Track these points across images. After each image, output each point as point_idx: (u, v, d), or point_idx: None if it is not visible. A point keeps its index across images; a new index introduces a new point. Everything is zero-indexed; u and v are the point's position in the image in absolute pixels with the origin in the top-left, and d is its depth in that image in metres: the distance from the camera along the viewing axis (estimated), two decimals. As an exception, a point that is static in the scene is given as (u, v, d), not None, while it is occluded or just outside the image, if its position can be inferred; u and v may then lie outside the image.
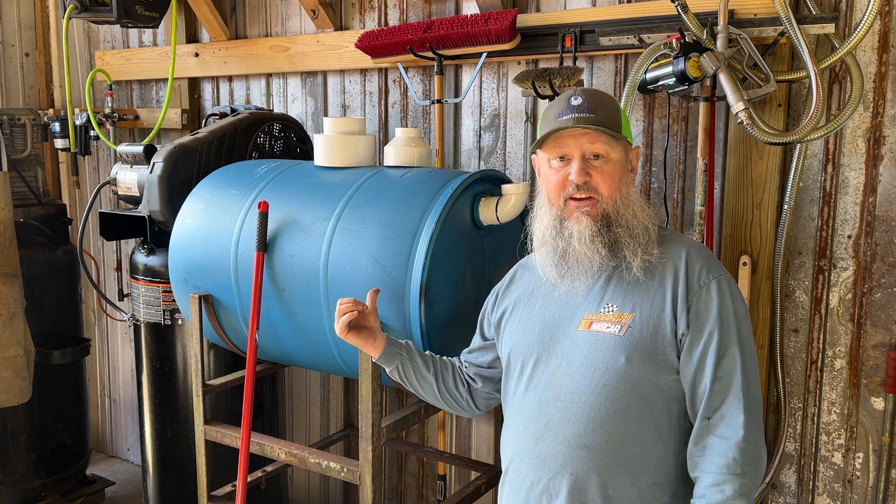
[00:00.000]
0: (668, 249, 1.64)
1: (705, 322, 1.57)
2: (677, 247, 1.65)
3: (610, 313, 1.62)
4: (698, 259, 1.62)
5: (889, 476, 2.27)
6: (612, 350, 1.58)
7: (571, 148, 1.62)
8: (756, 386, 1.57)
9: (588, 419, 1.57)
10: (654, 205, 2.53)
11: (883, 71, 2.17)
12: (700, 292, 1.58)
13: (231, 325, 2.47)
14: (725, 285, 1.60)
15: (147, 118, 3.77)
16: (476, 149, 2.89)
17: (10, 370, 3.29)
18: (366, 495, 2.17)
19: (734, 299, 1.59)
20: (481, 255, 2.25)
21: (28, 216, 3.55)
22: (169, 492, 3.03)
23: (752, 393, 1.55)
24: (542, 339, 1.68)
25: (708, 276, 1.59)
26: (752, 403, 1.54)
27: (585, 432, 1.57)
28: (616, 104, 1.68)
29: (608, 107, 1.64)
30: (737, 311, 1.59)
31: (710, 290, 1.58)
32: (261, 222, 2.26)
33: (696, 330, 1.57)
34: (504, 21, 2.49)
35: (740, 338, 1.57)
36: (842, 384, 2.33)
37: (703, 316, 1.57)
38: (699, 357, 1.56)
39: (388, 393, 3.22)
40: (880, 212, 2.22)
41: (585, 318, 1.64)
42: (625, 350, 1.57)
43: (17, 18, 4.12)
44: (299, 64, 3.22)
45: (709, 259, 1.63)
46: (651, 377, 1.57)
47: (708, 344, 1.56)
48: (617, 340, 1.58)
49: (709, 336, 1.56)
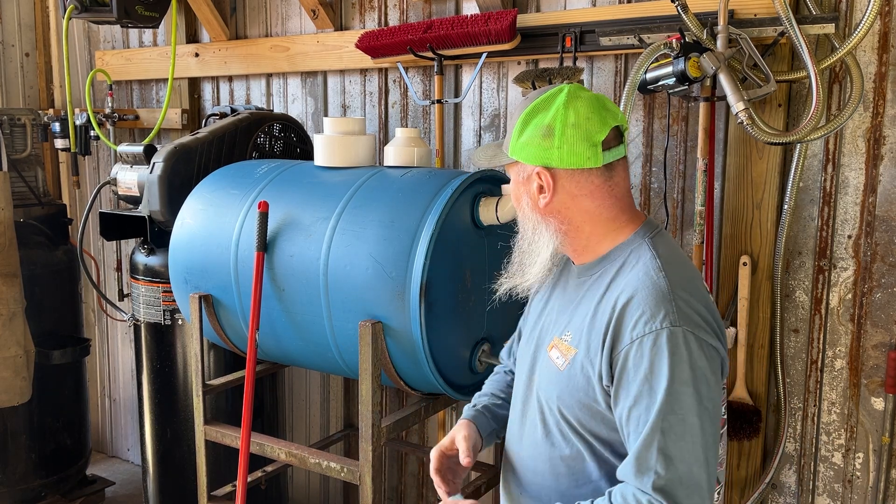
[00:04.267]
0: (622, 280, 1.41)
1: (632, 382, 1.32)
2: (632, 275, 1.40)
3: (564, 342, 1.47)
4: (641, 305, 1.34)
5: (889, 476, 2.27)
6: (553, 384, 1.47)
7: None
8: (688, 460, 1.29)
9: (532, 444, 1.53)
10: (654, 205, 2.54)
11: (883, 71, 2.17)
12: (631, 347, 1.33)
13: (231, 325, 2.47)
14: (665, 341, 1.30)
15: (147, 118, 3.77)
16: (476, 149, 2.88)
17: (10, 370, 3.29)
18: (366, 495, 2.17)
19: (673, 357, 1.30)
20: (481, 255, 2.25)
21: (28, 216, 3.55)
22: (169, 492, 3.03)
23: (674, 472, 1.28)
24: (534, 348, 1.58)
25: (644, 328, 1.32)
26: (671, 483, 1.27)
27: (530, 456, 1.54)
28: (523, 118, 1.46)
29: (513, 122, 1.48)
30: (673, 374, 1.29)
31: (642, 346, 1.32)
32: (261, 222, 2.26)
33: (621, 388, 1.34)
34: (504, 21, 2.49)
35: (671, 406, 1.29)
36: (842, 384, 2.33)
37: (629, 375, 1.33)
38: (621, 420, 1.35)
39: (388, 393, 3.22)
40: (880, 212, 2.22)
41: (553, 340, 1.51)
42: (556, 387, 1.46)
43: (17, 18, 4.12)
44: (299, 64, 3.22)
45: (658, 304, 1.33)
46: (585, 420, 1.43)
47: (632, 408, 1.32)
48: (557, 375, 1.46)
49: (634, 400, 1.32)
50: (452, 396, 2.23)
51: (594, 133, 1.41)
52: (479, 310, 2.25)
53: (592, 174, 1.43)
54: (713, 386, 1.34)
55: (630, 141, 2.55)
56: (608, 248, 1.47)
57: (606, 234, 1.47)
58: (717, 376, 1.37)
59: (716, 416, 1.34)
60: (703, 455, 1.30)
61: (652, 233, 1.47)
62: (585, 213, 1.46)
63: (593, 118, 1.41)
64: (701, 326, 1.34)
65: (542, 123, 1.43)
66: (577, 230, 1.47)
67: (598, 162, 1.41)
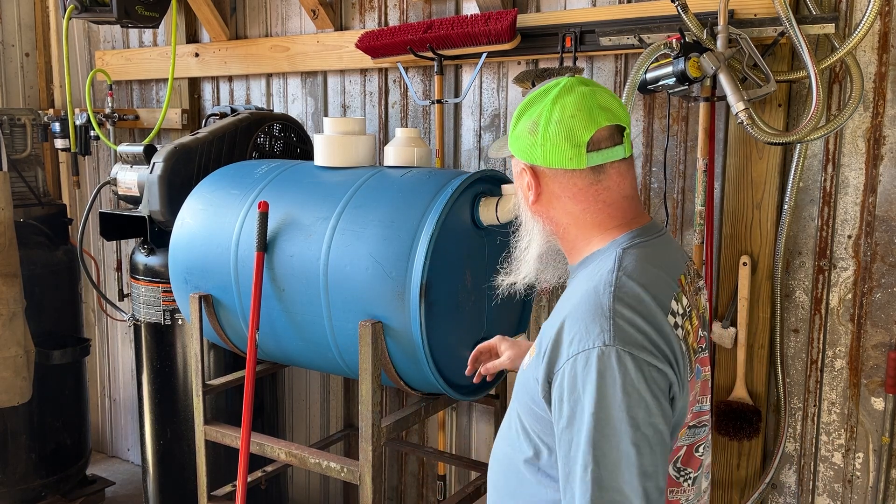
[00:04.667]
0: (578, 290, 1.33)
1: (562, 405, 1.23)
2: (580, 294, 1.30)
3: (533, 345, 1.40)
4: (577, 321, 1.25)
5: (889, 476, 2.27)
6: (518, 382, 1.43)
7: None
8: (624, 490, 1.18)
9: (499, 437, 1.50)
10: (654, 205, 2.54)
11: (883, 71, 2.17)
12: (566, 366, 1.23)
13: (231, 325, 2.47)
14: (595, 360, 1.19)
15: (147, 118, 3.77)
16: (476, 149, 2.89)
17: (10, 370, 3.29)
18: (366, 495, 2.17)
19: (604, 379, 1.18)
20: (481, 255, 2.25)
21: (28, 216, 3.55)
22: (169, 492, 3.03)
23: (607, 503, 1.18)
24: None
25: (578, 346, 1.22)
26: None
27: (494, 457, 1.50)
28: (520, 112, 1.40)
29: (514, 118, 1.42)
30: (604, 398, 1.18)
31: (575, 366, 1.22)
32: (261, 222, 2.26)
33: (557, 409, 1.25)
34: (504, 21, 2.49)
35: (601, 432, 1.18)
36: (842, 384, 2.33)
37: (563, 397, 1.23)
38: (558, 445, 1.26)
39: (388, 393, 3.22)
40: (880, 212, 2.22)
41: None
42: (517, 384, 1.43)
43: (17, 18, 4.12)
44: (299, 64, 3.22)
45: (592, 320, 1.23)
46: (531, 423, 1.37)
47: (567, 435, 1.23)
48: (521, 373, 1.42)
49: (565, 426, 1.23)
50: (452, 396, 2.23)
51: (578, 132, 1.31)
52: (479, 310, 2.25)
53: (576, 175, 1.34)
54: (654, 410, 1.19)
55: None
56: (587, 254, 1.39)
57: (591, 239, 1.39)
58: (660, 400, 1.21)
59: (657, 443, 1.20)
60: (640, 485, 1.17)
61: (630, 243, 1.35)
62: (570, 215, 1.38)
63: (579, 116, 1.31)
64: (641, 346, 1.20)
65: (531, 118, 1.36)
66: (565, 231, 1.40)
67: (582, 163, 1.32)
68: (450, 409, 3.06)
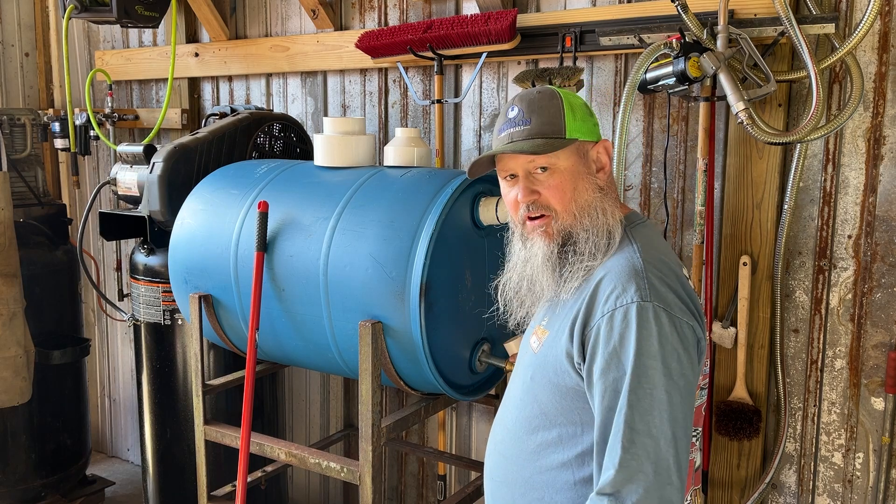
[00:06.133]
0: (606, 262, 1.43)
1: (599, 357, 1.32)
2: (611, 261, 1.42)
3: (541, 327, 1.49)
4: (613, 280, 1.36)
5: (889, 476, 2.27)
6: (529, 366, 1.50)
7: (514, 166, 1.48)
8: (654, 434, 1.27)
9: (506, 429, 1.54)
10: (654, 205, 2.54)
11: (883, 71, 2.17)
12: (602, 321, 1.33)
13: (231, 325, 2.47)
14: (634, 314, 1.30)
15: (147, 118, 3.77)
16: (476, 149, 2.88)
17: (10, 370, 3.29)
18: (366, 495, 2.17)
19: (641, 331, 1.29)
20: (481, 255, 2.25)
21: (28, 216, 3.55)
22: (169, 492, 3.03)
23: (640, 449, 1.26)
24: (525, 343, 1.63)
25: (615, 303, 1.33)
26: (636, 460, 1.25)
27: (503, 440, 1.55)
28: (557, 104, 1.47)
29: (547, 110, 1.46)
30: (641, 347, 1.28)
31: (612, 320, 1.32)
32: (261, 222, 2.26)
33: (593, 363, 1.34)
34: (504, 21, 2.49)
35: (638, 380, 1.28)
36: (842, 384, 2.33)
37: (599, 350, 1.33)
38: (593, 397, 1.35)
39: (388, 393, 3.22)
40: (880, 212, 2.22)
41: (534, 329, 1.54)
42: (531, 368, 1.48)
43: (17, 18, 4.12)
44: (299, 64, 3.22)
45: (629, 279, 1.35)
46: (555, 401, 1.43)
47: (602, 384, 1.32)
48: (533, 357, 1.49)
49: (602, 373, 1.32)
50: (452, 396, 2.23)
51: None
52: (478, 310, 2.25)
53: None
54: (685, 362, 1.31)
55: (630, 141, 2.55)
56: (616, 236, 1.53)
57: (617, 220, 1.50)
58: (691, 354, 1.34)
59: (687, 393, 1.31)
60: (671, 431, 1.27)
61: (638, 220, 1.53)
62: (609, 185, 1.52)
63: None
64: (674, 303, 1.33)
65: (569, 106, 1.47)
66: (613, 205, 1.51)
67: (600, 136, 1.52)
68: (450, 409, 3.06)
